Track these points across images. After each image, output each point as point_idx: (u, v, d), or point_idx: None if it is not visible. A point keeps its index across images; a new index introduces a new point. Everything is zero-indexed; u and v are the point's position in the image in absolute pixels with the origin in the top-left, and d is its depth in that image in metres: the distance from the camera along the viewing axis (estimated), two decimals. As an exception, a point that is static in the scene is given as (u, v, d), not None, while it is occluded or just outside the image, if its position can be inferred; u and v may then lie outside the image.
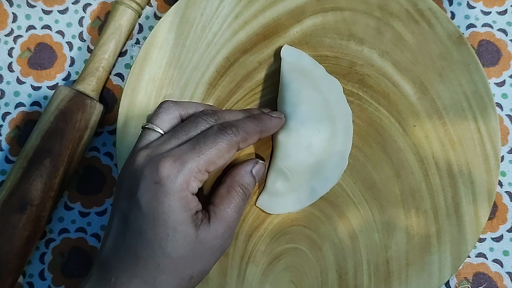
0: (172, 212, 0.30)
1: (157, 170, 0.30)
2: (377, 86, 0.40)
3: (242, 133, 0.33)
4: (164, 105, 0.34)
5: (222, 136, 0.32)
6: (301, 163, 0.38)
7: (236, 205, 0.33)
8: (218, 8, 0.41)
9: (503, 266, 0.41)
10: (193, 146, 0.31)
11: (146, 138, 0.33)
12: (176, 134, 0.32)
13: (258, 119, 0.35)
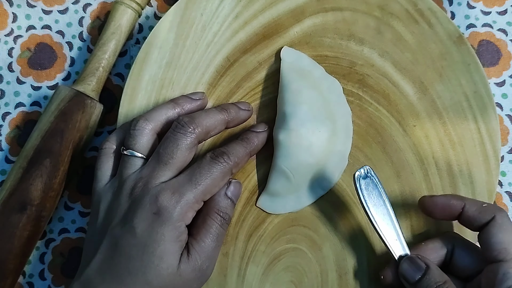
0: (163, 242, 0.31)
1: (156, 201, 0.31)
2: (377, 86, 0.40)
3: (233, 159, 0.34)
4: (138, 125, 0.34)
5: (216, 166, 0.33)
6: (302, 163, 0.38)
7: (214, 234, 0.34)
8: (218, 8, 0.41)
9: (503, 266, 0.40)
10: (190, 177, 0.33)
11: (132, 165, 0.34)
12: (161, 158, 0.33)
13: (246, 141, 0.36)
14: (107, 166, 0.36)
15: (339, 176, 0.39)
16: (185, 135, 0.34)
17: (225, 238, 0.39)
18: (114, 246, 0.32)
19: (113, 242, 0.32)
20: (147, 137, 0.35)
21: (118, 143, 0.36)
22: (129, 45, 0.44)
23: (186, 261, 0.32)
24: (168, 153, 0.33)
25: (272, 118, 0.40)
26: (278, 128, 0.39)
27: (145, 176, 0.33)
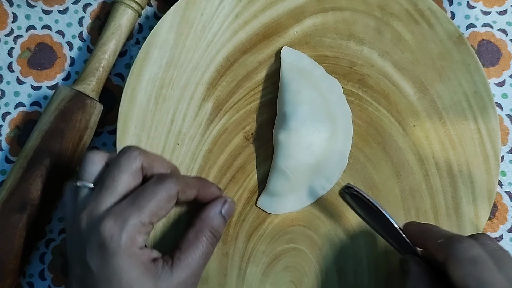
0: (124, 272, 0.29)
1: (99, 232, 0.29)
2: (377, 86, 0.40)
3: (180, 184, 0.32)
4: (89, 157, 0.33)
5: (161, 186, 0.31)
6: (302, 163, 0.38)
7: (204, 252, 0.32)
8: (218, 8, 0.41)
9: (503, 266, 0.40)
10: (132, 201, 0.30)
11: (81, 196, 0.32)
12: (104, 184, 0.31)
13: (199, 177, 0.35)
14: (69, 202, 0.34)
15: (339, 176, 0.39)
16: (128, 159, 0.32)
17: (225, 238, 0.39)
18: (82, 285, 0.30)
19: (79, 282, 0.31)
20: (96, 166, 0.33)
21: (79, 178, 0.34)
22: (129, 45, 0.44)
23: (169, 277, 0.31)
24: (110, 177, 0.31)
25: (272, 118, 0.40)
26: (278, 128, 0.39)
27: (89, 205, 0.31)
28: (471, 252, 0.29)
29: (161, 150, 0.39)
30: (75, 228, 0.31)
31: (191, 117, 0.40)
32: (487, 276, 0.28)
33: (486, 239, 0.31)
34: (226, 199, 0.35)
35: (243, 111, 0.40)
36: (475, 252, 0.29)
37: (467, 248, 0.30)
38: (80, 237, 0.30)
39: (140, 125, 0.39)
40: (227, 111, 0.40)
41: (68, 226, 0.33)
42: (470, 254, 0.29)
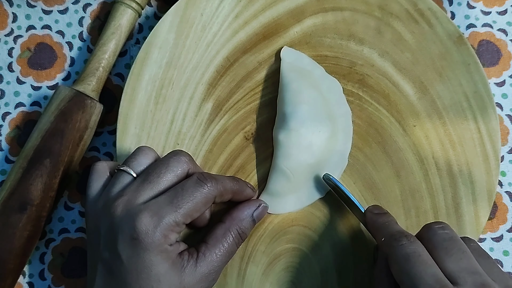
0: (154, 266, 0.30)
1: (134, 226, 0.30)
2: (377, 86, 0.40)
3: (219, 188, 0.33)
4: (142, 149, 0.34)
5: (201, 189, 0.32)
6: (302, 163, 0.38)
7: (229, 250, 0.33)
8: (218, 8, 0.41)
9: (503, 266, 0.41)
10: (171, 199, 0.31)
11: (120, 181, 0.33)
12: (148, 177, 0.32)
13: (237, 180, 0.36)
14: (97, 184, 0.34)
15: (339, 176, 0.39)
16: (178, 161, 0.33)
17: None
18: (109, 272, 0.31)
19: (106, 268, 0.31)
20: (147, 160, 0.34)
21: (111, 165, 0.35)
22: (129, 45, 0.44)
23: (193, 271, 0.31)
24: (156, 172, 0.32)
25: (272, 118, 0.40)
26: (278, 128, 0.39)
27: (127, 194, 0.32)
28: (405, 250, 0.30)
29: (161, 150, 0.39)
30: (105, 212, 0.32)
31: (191, 117, 0.40)
32: (417, 270, 0.29)
33: (438, 229, 0.32)
34: (260, 203, 0.36)
35: (243, 111, 0.40)
36: (410, 249, 0.30)
37: (403, 246, 0.31)
38: (113, 223, 0.31)
39: (140, 125, 0.39)
40: (227, 111, 0.40)
41: (91, 206, 0.34)
42: (404, 251, 0.30)
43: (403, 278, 0.29)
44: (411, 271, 0.29)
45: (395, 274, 0.30)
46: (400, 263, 0.30)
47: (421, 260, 0.30)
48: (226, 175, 0.39)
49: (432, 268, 0.29)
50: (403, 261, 0.30)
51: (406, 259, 0.30)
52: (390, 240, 0.32)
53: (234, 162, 0.40)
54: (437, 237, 0.31)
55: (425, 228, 0.33)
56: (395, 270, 0.30)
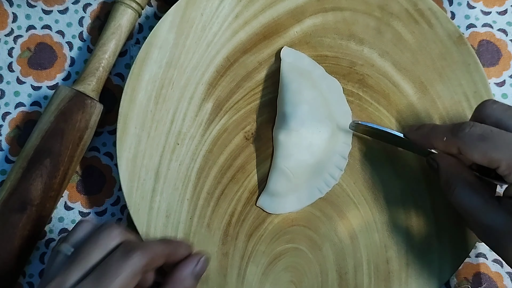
0: None
1: None
2: (377, 86, 0.40)
3: (149, 255, 0.29)
4: (80, 222, 0.32)
5: (127, 262, 0.29)
6: (302, 163, 0.38)
7: None
8: (218, 8, 0.41)
9: (503, 266, 0.41)
10: (97, 279, 0.28)
11: (56, 261, 0.30)
12: (77, 257, 0.29)
13: (168, 242, 0.33)
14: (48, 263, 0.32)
15: (339, 176, 0.39)
16: (108, 237, 0.30)
17: (225, 238, 0.39)
18: None
19: None
20: (84, 234, 0.31)
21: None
22: (129, 45, 0.44)
23: None
24: (85, 250, 0.29)
25: (272, 118, 0.40)
26: (278, 128, 0.39)
27: (56, 277, 0.29)
28: (476, 132, 0.31)
29: (161, 150, 0.39)
30: None
31: (191, 117, 0.40)
32: (500, 141, 0.29)
33: (492, 103, 0.32)
34: (200, 257, 0.33)
35: (243, 111, 0.40)
36: (479, 129, 0.31)
37: (471, 131, 0.31)
38: None
39: (140, 125, 0.39)
40: (227, 111, 0.40)
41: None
42: (475, 134, 0.31)
43: (492, 154, 0.29)
44: (495, 144, 0.29)
45: (479, 158, 0.30)
46: (479, 145, 0.30)
47: (496, 133, 0.30)
48: (226, 175, 0.39)
49: (509, 134, 0.30)
50: (480, 141, 0.30)
51: (482, 139, 0.30)
52: (455, 135, 0.31)
53: (234, 162, 0.40)
54: (496, 112, 0.31)
55: (480, 107, 0.33)
56: (477, 155, 0.30)
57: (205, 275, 0.38)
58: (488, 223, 0.31)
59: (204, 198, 0.39)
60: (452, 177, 0.33)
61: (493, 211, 0.31)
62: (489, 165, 0.30)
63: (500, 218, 0.30)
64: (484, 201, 0.31)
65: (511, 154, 0.29)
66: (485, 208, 0.31)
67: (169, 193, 0.39)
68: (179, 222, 0.39)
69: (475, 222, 0.32)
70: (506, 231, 0.30)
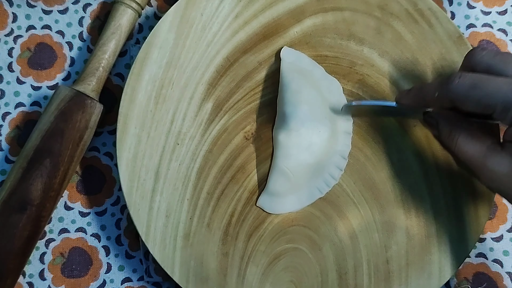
0: None
1: None
2: (377, 86, 0.40)
3: None
4: None
5: None
6: (302, 163, 0.38)
7: None
8: (218, 8, 0.41)
9: (503, 266, 0.41)
10: None
11: None
12: None
13: None
14: None
15: (339, 176, 0.39)
16: None
17: (225, 238, 0.39)
18: None
19: None
20: None
21: None
22: (129, 45, 0.44)
23: None
24: None
25: (272, 118, 0.40)
26: (278, 128, 0.39)
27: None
28: (466, 81, 0.30)
29: (161, 150, 0.39)
30: None
31: (191, 117, 0.40)
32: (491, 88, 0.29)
33: (480, 51, 0.32)
34: None
35: (243, 111, 0.40)
36: (470, 78, 0.31)
37: (461, 80, 0.31)
38: None
39: (140, 125, 0.39)
40: (227, 111, 0.40)
41: None
42: (466, 83, 0.30)
43: (487, 101, 0.29)
44: (487, 90, 0.29)
45: (474, 108, 0.30)
46: (471, 94, 0.30)
47: (486, 79, 0.30)
48: (226, 175, 0.39)
49: (500, 79, 0.29)
50: (471, 90, 0.30)
51: (473, 87, 0.30)
52: (444, 87, 0.31)
53: (234, 162, 0.40)
54: (485, 58, 0.31)
55: (469, 55, 0.33)
56: (472, 105, 0.30)
57: (204, 275, 0.38)
58: (493, 168, 0.31)
59: (204, 198, 0.39)
60: (453, 128, 0.33)
61: (497, 156, 0.31)
62: (484, 111, 0.30)
63: (504, 162, 0.31)
64: (487, 147, 0.32)
65: (504, 98, 0.29)
66: (489, 154, 0.32)
67: (169, 193, 0.39)
68: (179, 222, 0.39)
69: (480, 169, 0.32)
70: (511, 174, 0.30)
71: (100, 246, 0.42)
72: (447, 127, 0.34)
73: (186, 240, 0.38)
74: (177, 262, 0.38)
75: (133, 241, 0.42)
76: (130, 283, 0.42)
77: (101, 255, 0.42)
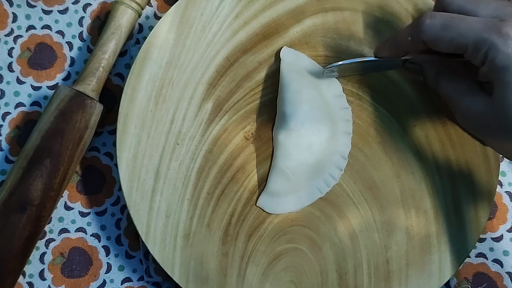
0: None
1: None
2: (377, 86, 0.40)
3: None
4: None
5: None
6: (302, 163, 0.38)
7: None
8: (218, 8, 0.41)
9: (503, 266, 0.41)
10: None
11: None
12: None
13: None
14: None
15: (339, 176, 0.39)
16: None
17: (225, 238, 0.39)
18: None
19: None
20: None
21: None
22: (129, 45, 0.44)
23: None
24: None
25: (272, 118, 0.40)
26: (278, 128, 0.39)
27: None
28: (437, 22, 0.31)
29: (161, 150, 0.39)
30: None
31: (191, 117, 0.40)
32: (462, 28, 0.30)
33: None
34: None
35: (243, 111, 0.40)
36: (439, 18, 0.31)
37: (432, 22, 0.31)
38: None
39: (140, 125, 0.39)
40: (227, 111, 0.40)
41: None
42: (438, 23, 0.31)
43: (458, 41, 0.30)
44: (458, 30, 0.30)
45: (446, 48, 0.31)
46: (442, 34, 0.30)
47: (457, 19, 0.30)
48: (226, 175, 0.39)
49: (471, 18, 0.30)
50: (443, 31, 0.30)
51: (445, 28, 0.30)
52: (416, 29, 0.32)
53: (234, 162, 0.40)
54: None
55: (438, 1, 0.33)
56: (444, 45, 0.31)
57: (204, 275, 0.38)
58: (467, 108, 0.32)
59: (204, 198, 0.39)
60: (437, 70, 0.34)
61: (471, 96, 0.32)
62: (456, 51, 0.31)
63: (477, 102, 0.31)
64: (464, 87, 0.32)
65: (475, 38, 0.29)
66: (465, 94, 0.32)
67: (169, 193, 0.39)
68: (179, 222, 0.39)
69: (456, 108, 0.33)
70: (484, 112, 0.31)
71: (100, 246, 0.42)
72: (431, 70, 0.34)
73: (186, 240, 0.38)
74: (177, 262, 0.38)
75: (133, 241, 0.42)
76: (130, 283, 0.42)
77: (101, 255, 0.42)
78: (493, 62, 0.29)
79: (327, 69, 0.38)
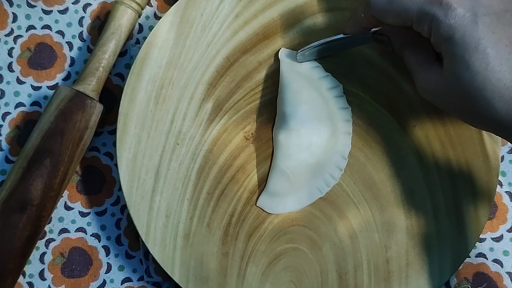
0: None
1: None
2: (377, 86, 0.40)
3: None
4: None
5: None
6: (302, 163, 0.38)
7: None
8: (218, 8, 0.41)
9: (503, 266, 0.41)
10: None
11: None
12: None
13: None
14: None
15: (339, 176, 0.39)
16: None
17: (225, 238, 0.39)
18: None
19: None
20: None
21: None
22: (129, 45, 0.44)
23: None
24: None
25: (272, 118, 0.40)
26: (278, 128, 0.39)
27: None
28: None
29: (161, 150, 0.39)
30: None
31: (191, 117, 0.40)
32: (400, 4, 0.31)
33: None
34: None
35: (243, 111, 0.40)
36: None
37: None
38: None
39: (140, 125, 0.39)
40: (227, 111, 0.40)
41: None
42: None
43: (403, 14, 0.30)
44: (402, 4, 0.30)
45: (394, 21, 0.31)
46: (388, 8, 0.31)
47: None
48: (226, 175, 0.39)
49: None
50: (388, 5, 0.31)
51: (390, 2, 0.31)
52: (366, 6, 0.33)
53: (234, 162, 0.40)
54: None
55: None
56: (392, 18, 0.31)
57: (205, 275, 0.38)
58: (425, 78, 0.32)
59: (204, 198, 0.39)
60: (402, 41, 0.35)
61: (429, 66, 0.32)
62: (404, 24, 0.31)
63: (433, 72, 0.32)
64: (425, 58, 0.33)
65: (418, 11, 0.30)
66: (425, 64, 0.33)
67: (169, 193, 0.39)
68: (179, 222, 0.39)
69: (416, 78, 0.33)
70: (438, 83, 0.31)
71: (100, 246, 0.42)
72: (397, 41, 0.35)
73: (186, 240, 0.38)
74: (177, 262, 0.38)
75: (133, 241, 0.42)
76: (130, 283, 0.42)
77: (101, 255, 0.42)
78: (437, 34, 0.29)
79: (299, 53, 0.39)
